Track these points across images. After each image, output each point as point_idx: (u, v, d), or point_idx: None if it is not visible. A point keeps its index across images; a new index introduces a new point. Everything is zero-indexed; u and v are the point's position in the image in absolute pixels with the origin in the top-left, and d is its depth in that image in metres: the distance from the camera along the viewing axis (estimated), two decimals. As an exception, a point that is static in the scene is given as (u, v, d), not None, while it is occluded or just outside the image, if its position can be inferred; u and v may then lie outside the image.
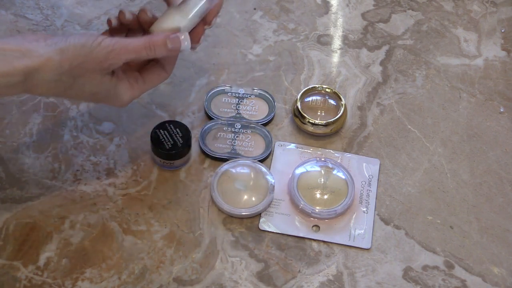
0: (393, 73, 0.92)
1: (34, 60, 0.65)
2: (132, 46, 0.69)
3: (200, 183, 0.81)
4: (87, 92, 0.70)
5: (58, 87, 0.68)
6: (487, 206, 0.81)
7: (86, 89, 0.69)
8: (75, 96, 0.70)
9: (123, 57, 0.69)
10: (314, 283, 0.74)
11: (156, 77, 0.75)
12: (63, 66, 0.66)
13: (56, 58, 0.66)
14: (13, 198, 0.78)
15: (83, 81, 0.68)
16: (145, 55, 0.70)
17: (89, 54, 0.67)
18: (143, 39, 0.70)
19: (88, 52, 0.67)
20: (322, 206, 0.79)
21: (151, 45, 0.70)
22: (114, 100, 0.73)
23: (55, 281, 0.73)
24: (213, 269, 0.75)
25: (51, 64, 0.66)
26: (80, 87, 0.69)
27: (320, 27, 0.96)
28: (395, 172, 0.83)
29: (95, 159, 0.82)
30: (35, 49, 0.66)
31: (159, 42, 0.70)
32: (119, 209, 0.78)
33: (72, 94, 0.70)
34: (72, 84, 0.68)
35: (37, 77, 0.66)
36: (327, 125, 0.84)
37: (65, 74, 0.67)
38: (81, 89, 0.69)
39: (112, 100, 0.73)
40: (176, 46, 0.72)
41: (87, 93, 0.70)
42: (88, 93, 0.70)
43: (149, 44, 0.70)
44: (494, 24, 0.98)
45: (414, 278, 0.75)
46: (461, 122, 0.88)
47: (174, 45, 0.71)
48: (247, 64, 0.92)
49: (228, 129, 0.85)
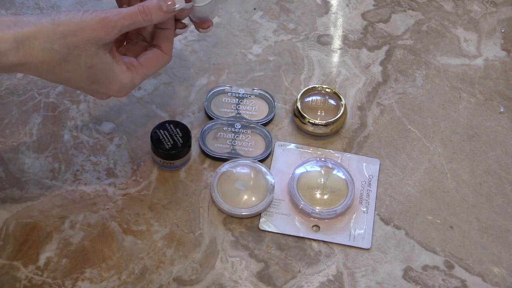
0: (393, 73, 0.92)
1: (25, 28, 0.65)
2: (126, 12, 0.68)
3: (200, 183, 0.81)
4: (83, 66, 0.68)
5: (51, 57, 0.66)
6: (487, 206, 0.81)
7: (81, 62, 0.68)
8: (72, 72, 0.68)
9: (118, 23, 0.67)
10: (314, 283, 0.74)
11: (155, 60, 0.73)
12: (55, 34, 0.65)
13: (47, 25, 0.65)
14: (13, 198, 0.78)
15: (77, 53, 0.67)
16: (141, 20, 0.69)
17: (81, 22, 0.66)
18: (137, 5, 0.69)
19: (79, 20, 0.66)
20: (322, 206, 0.79)
21: (146, 9, 0.69)
22: (112, 82, 0.71)
23: (55, 281, 0.73)
24: (213, 269, 0.75)
25: (43, 31, 0.65)
26: (75, 59, 0.67)
27: (320, 27, 0.96)
28: (395, 172, 0.83)
29: (95, 159, 0.82)
30: (26, 19, 0.65)
31: (154, 5, 0.69)
32: (119, 209, 0.78)
33: (68, 69, 0.68)
34: (66, 57, 0.67)
35: (29, 45, 0.65)
36: (327, 125, 0.84)
37: (57, 42, 0.66)
38: (76, 61, 0.67)
39: (110, 82, 0.71)
40: (171, 7, 0.70)
41: (82, 67, 0.68)
42: (84, 67, 0.68)
43: (143, 8, 0.68)
44: (494, 24, 0.98)
45: (414, 278, 0.75)
46: (461, 122, 0.88)
47: (169, 7, 0.70)
48: (247, 64, 0.92)
49: (228, 129, 0.85)
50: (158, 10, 0.69)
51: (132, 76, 0.72)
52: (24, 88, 0.87)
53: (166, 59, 0.74)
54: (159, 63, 0.74)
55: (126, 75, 0.71)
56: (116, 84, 0.71)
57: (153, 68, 0.74)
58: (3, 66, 0.66)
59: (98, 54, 0.68)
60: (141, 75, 0.73)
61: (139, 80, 0.73)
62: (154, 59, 0.74)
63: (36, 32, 0.65)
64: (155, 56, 0.74)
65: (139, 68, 0.72)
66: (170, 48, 0.74)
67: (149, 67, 0.73)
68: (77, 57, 0.67)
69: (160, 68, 0.74)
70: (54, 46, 0.66)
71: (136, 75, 0.72)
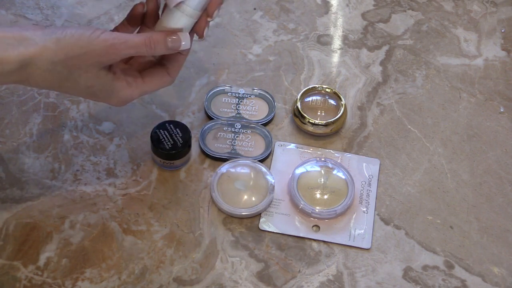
0: (393, 73, 0.92)
1: (29, 49, 0.65)
2: (132, 42, 0.69)
3: (200, 183, 0.81)
4: (83, 86, 0.69)
5: (53, 78, 0.67)
6: (487, 206, 0.81)
7: (81, 82, 0.68)
8: (71, 89, 0.69)
9: (123, 52, 0.68)
10: (314, 283, 0.74)
11: (158, 79, 0.74)
12: (58, 56, 0.66)
13: (51, 47, 0.65)
14: (13, 198, 0.78)
15: (78, 74, 0.67)
16: (144, 51, 0.70)
17: (87, 46, 0.66)
18: (144, 35, 0.70)
19: (85, 44, 0.66)
20: (322, 206, 0.79)
21: (151, 42, 0.69)
22: (111, 97, 0.72)
23: (55, 281, 0.73)
24: (213, 269, 0.75)
25: (46, 53, 0.65)
26: (75, 79, 0.68)
27: (320, 27, 0.96)
28: (395, 172, 0.83)
29: (95, 159, 0.82)
30: (31, 37, 0.65)
31: (159, 40, 0.70)
32: (119, 209, 0.78)
33: (68, 87, 0.69)
34: (67, 76, 0.67)
35: (32, 66, 0.65)
36: (327, 125, 0.84)
37: (60, 64, 0.66)
38: (76, 81, 0.68)
39: (109, 97, 0.71)
40: (176, 45, 0.71)
41: (82, 86, 0.69)
42: (84, 86, 0.69)
43: (149, 41, 0.69)
44: (494, 24, 0.98)
45: (414, 278, 0.75)
46: (461, 122, 0.88)
47: (174, 44, 0.71)
48: (247, 64, 0.92)
49: (228, 129, 0.85)
50: (162, 45, 0.70)
51: (132, 92, 0.72)
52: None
53: (169, 81, 0.75)
54: (162, 83, 0.74)
55: (125, 91, 0.72)
56: (115, 99, 0.72)
57: (154, 86, 0.74)
58: (3, 83, 0.67)
59: (98, 76, 0.69)
60: (140, 91, 0.73)
61: (138, 95, 0.73)
62: (158, 79, 0.74)
63: (41, 53, 0.65)
64: (159, 76, 0.74)
65: (140, 85, 0.73)
66: (176, 72, 0.75)
67: (150, 85, 0.74)
68: (77, 77, 0.68)
69: (160, 88, 0.75)
70: (57, 67, 0.66)
71: (135, 91, 0.73)
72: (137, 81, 0.73)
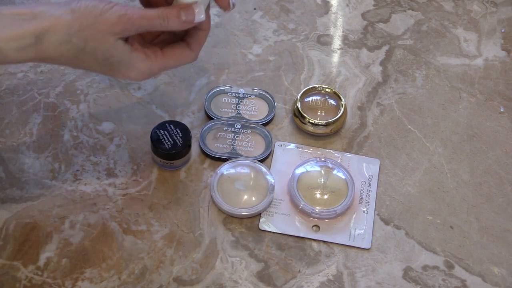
0: (393, 73, 0.92)
1: (44, 22, 0.65)
2: (145, 13, 0.68)
3: (200, 183, 0.81)
4: (100, 58, 0.68)
5: (69, 51, 0.67)
6: (487, 206, 0.81)
7: (98, 54, 0.68)
8: (89, 63, 0.69)
9: (136, 22, 0.68)
10: (314, 283, 0.74)
11: (179, 53, 0.73)
12: (73, 27, 0.66)
13: (66, 18, 0.66)
14: (13, 198, 0.78)
15: (94, 45, 0.67)
16: (158, 24, 0.69)
17: (100, 15, 0.67)
18: (158, 9, 0.69)
19: (99, 13, 0.66)
20: (322, 206, 0.79)
21: (165, 15, 0.69)
22: (130, 70, 0.71)
23: (55, 281, 0.73)
24: (213, 269, 0.75)
25: (61, 24, 0.65)
26: (92, 51, 0.68)
27: (320, 27, 0.96)
28: (395, 172, 0.83)
29: (95, 159, 0.82)
30: (46, 10, 0.66)
31: (173, 13, 0.69)
32: (119, 209, 0.78)
33: (85, 61, 0.69)
34: (83, 48, 0.67)
35: (48, 39, 0.65)
36: (327, 125, 0.84)
37: (75, 35, 0.66)
38: (93, 54, 0.68)
39: (127, 69, 0.71)
40: (190, 18, 0.70)
41: (100, 58, 0.68)
42: (101, 58, 0.68)
43: (163, 14, 0.69)
44: (494, 24, 0.98)
45: (414, 278, 0.75)
46: (461, 122, 0.88)
47: (188, 17, 0.70)
48: (247, 64, 0.92)
49: (228, 129, 0.85)
50: (176, 19, 0.70)
51: (151, 64, 0.71)
52: (24, 88, 0.87)
53: (191, 56, 0.74)
54: (183, 58, 0.73)
55: (144, 63, 0.71)
56: (134, 71, 0.71)
57: (175, 61, 0.73)
58: (22, 60, 0.67)
59: (115, 46, 0.68)
60: (160, 65, 0.72)
61: (158, 69, 0.72)
62: (178, 53, 0.73)
63: (56, 25, 0.65)
64: (180, 50, 0.73)
65: (160, 58, 0.72)
66: (198, 47, 0.74)
67: (171, 59, 0.73)
68: (94, 49, 0.68)
69: (182, 63, 0.74)
70: (72, 39, 0.66)
71: (155, 64, 0.72)
72: (156, 54, 0.72)
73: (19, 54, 0.65)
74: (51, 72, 0.89)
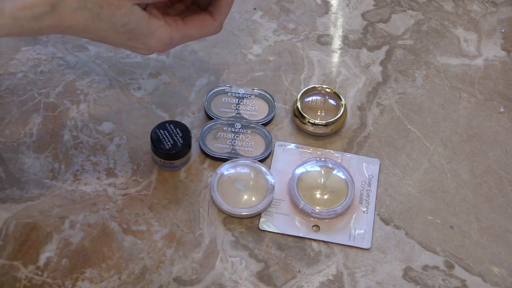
0: (393, 73, 0.92)
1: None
2: None
3: (200, 183, 0.81)
4: (118, 24, 0.67)
5: (85, 18, 0.66)
6: (487, 206, 0.81)
7: (116, 20, 0.67)
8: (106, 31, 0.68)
9: None
10: (314, 283, 0.74)
11: (201, 22, 0.71)
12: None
13: None
14: (13, 198, 0.78)
15: (111, 11, 0.66)
16: None
17: None
18: None
19: None
20: (322, 206, 0.79)
21: None
22: (149, 38, 0.69)
23: (55, 281, 0.73)
24: (213, 269, 0.75)
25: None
26: (109, 18, 0.67)
27: (320, 27, 0.96)
28: (395, 172, 0.83)
29: (95, 159, 0.82)
30: None
31: None
32: (119, 209, 0.78)
33: (102, 29, 0.67)
34: (99, 14, 0.66)
35: (63, 5, 0.65)
36: (327, 125, 0.84)
37: (90, 0, 0.65)
38: (110, 20, 0.67)
39: (147, 38, 0.69)
40: None
41: (117, 25, 0.67)
42: (119, 24, 0.67)
43: None
44: (494, 24, 0.98)
45: (414, 278, 0.75)
46: (461, 122, 0.88)
47: None
48: (247, 64, 0.92)
49: (228, 129, 0.85)
50: None
51: (171, 32, 0.70)
52: (24, 88, 0.87)
53: (215, 26, 0.72)
54: (206, 27, 0.72)
55: (164, 29, 0.70)
56: (153, 39, 0.70)
57: (196, 30, 0.71)
58: (38, 30, 0.66)
59: (133, 11, 0.67)
60: (182, 34, 0.71)
61: (179, 38, 0.71)
62: (200, 22, 0.71)
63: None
64: (202, 20, 0.71)
65: (181, 26, 0.70)
66: (221, 16, 0.72)
67: (192, 28, 0.71)
68: (111, 15, 0.67)
69: (205, 34, 0.72)
70: (87, 4, 0.66)
71: (176, 32, 0.70)
72: (177, 22, 0.70)
73: (35, 22, 0.65)
74: (51, 72, 0.89)
